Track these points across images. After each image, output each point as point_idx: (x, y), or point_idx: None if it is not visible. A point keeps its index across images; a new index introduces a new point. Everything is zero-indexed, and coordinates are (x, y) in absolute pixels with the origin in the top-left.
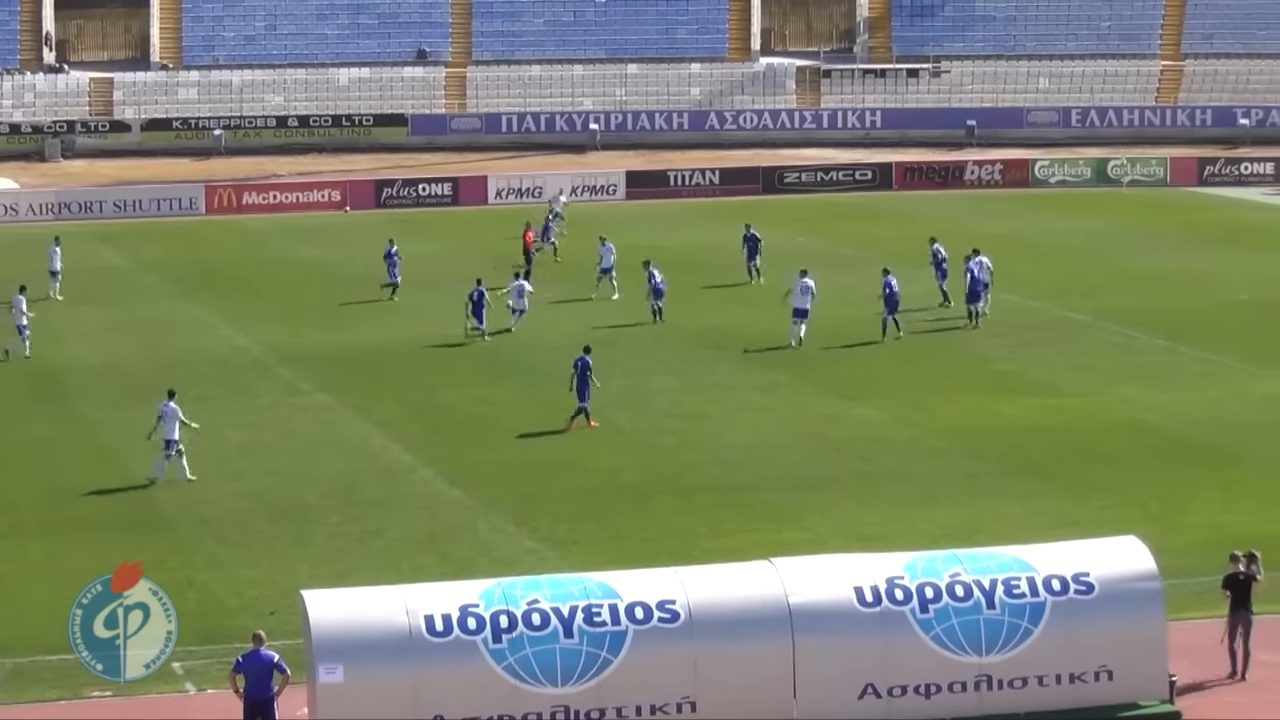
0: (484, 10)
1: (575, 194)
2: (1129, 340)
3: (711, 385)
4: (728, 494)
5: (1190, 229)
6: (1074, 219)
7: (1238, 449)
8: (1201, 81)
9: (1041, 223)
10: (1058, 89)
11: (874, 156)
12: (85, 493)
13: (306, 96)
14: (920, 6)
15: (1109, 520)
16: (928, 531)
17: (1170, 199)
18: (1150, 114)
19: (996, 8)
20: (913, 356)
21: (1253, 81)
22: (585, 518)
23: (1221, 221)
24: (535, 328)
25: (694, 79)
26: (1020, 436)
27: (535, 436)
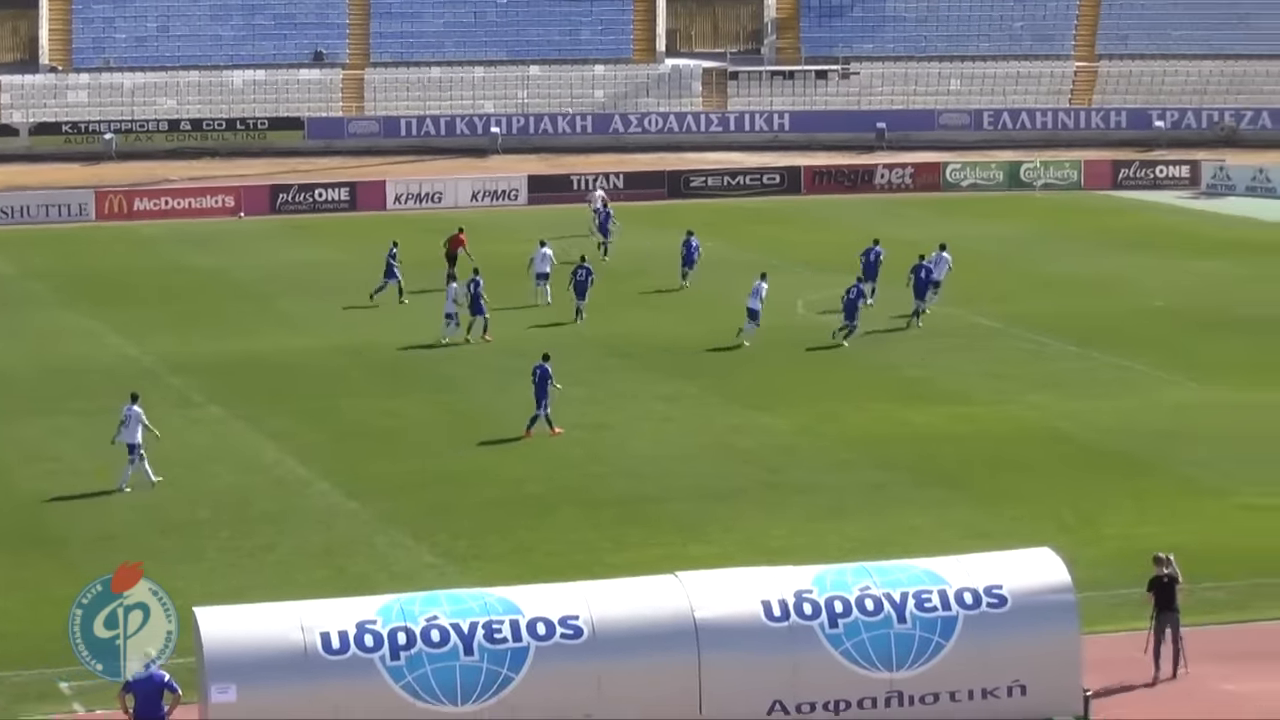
0: (382, 11)
1: (475, 199)
2: (1041, 347)
3: (618, 395)
4: (633, 506)
5: (1104, 233)
6: (986, 223)
7: (1151, 458)
8: (1116, 83)
9: (953, 227)
10: (969, 91)
11: (782, 160)
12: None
13: (200, 100)
14: (829, 7)
15: (1022, 531)
16: (836, 544)
17: (1084, 203)
18: (1064, 116)
19: (907, 8)
20: (822, 365)
21: (1168, 83)
22: (487, 531)
23: (1136, 226)
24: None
25: (598, 81)
26: (930, 446)
27: (438, 448)
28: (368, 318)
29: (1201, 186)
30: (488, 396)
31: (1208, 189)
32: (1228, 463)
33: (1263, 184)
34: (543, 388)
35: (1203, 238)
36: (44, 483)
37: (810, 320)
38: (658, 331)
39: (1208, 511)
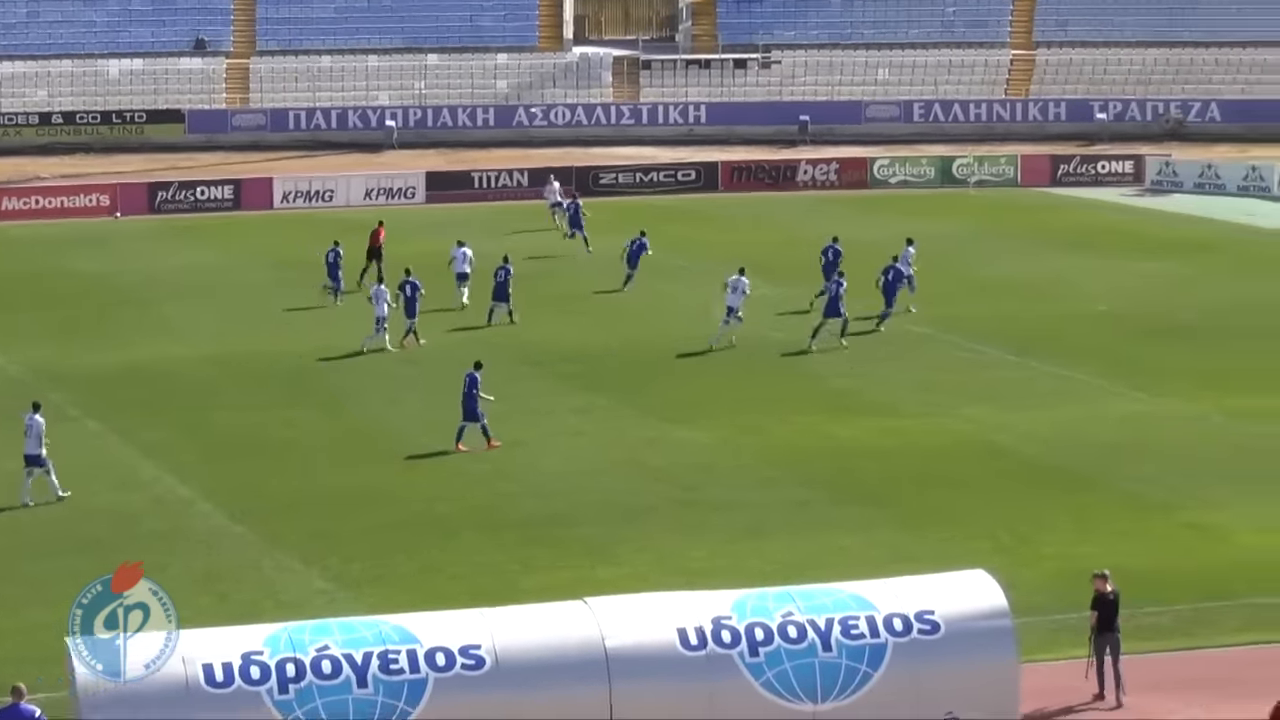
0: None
1: (369, 197)
2: (976, 355)
3: (527, 408)
4: (541, 527)
5: (1043, 233)
6: (916, 223)
7: (1093, 473)
8: (1055, 73)
9: (881, 227)
10: (899, 81)
11: (698, 155)
12: None
13: (73, 91)
14: None
15: (955, 553)
16: (757, 567)
17: (1021, 200)
18: (999, 108)
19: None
20: (742, 375)
21: (1110, 72)
22: (383, 554)
23: (1076, 225)
24: (340, 342)
25: (500, 70)
26: (857, 461)
27: (328, 464)
28: (256, 324)
29: (1146, 183)
30: (379, 409)
31: (1153, 186)
32: (1174, 478)
33: (1211, 180)
34: (471, 397)
35: (1148, 238)
36: None
37: (729, 327)
38: (569, 339)
39: (1152, 530)
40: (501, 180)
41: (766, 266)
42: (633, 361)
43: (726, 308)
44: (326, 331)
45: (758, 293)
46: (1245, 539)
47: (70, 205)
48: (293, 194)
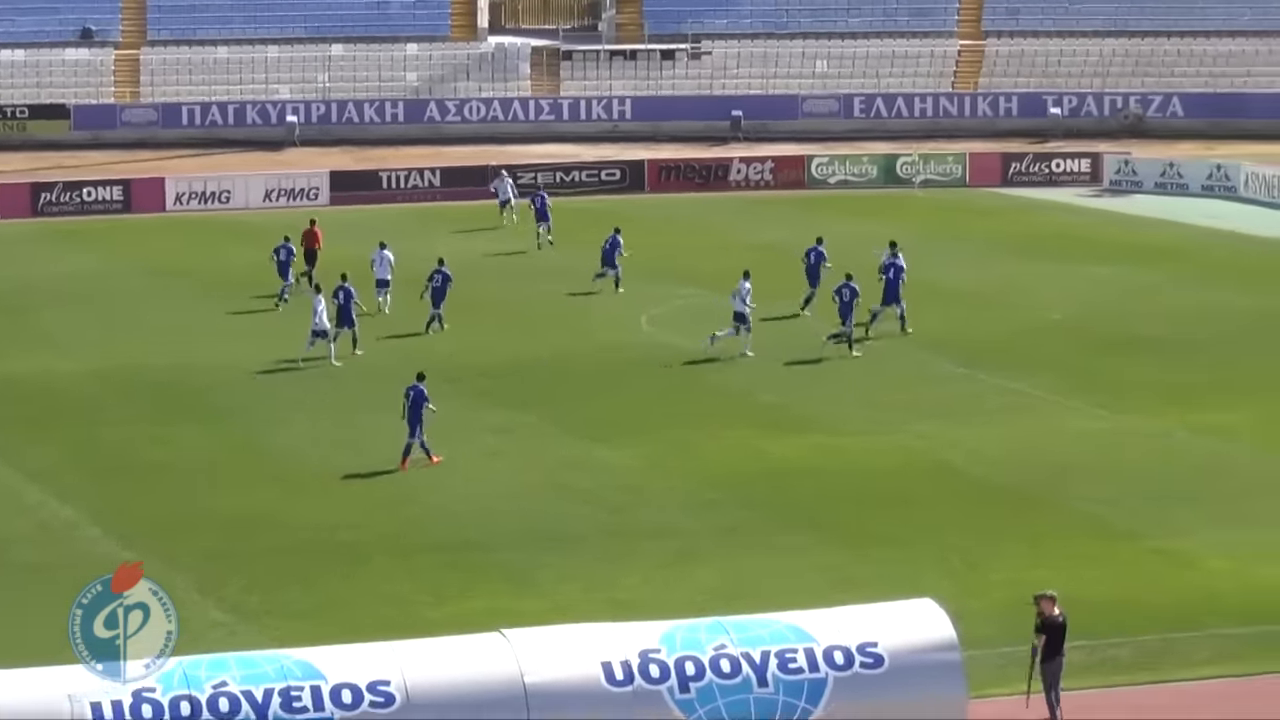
0: None
1: (269, 199)
2: (921, 367)
3: (439, 427)
4: (454, 554)
5: (993, 237)
6: (857, 225)
7: (1048, 495)
8: (1006, 64)
9: (819, 230)
10: (838, 74)
11: (623, 153)
12: None
13: None
14: None
15: (900, 580)
16: (688, 596)
17: (970, 202)
18: (946, 102)
19: None
20: (670, 389)
21: (1065, 64)
22: (285, 583)
23: (1029, 228)
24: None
25: (410, 62)
26: (795, 482)
27: (223, 486)
28: (145, 336)
29: (1104, 183)
30: (275, 427)
31: (1111, 186)
32: (1136, 500)
33: (1174, 180)
34: (416, 412)
35: (1106, 242)
36: None
37: (656, 339)
38: (486, 351)
39: (1113, 556)
40: (412, 180)
41: (697, 273)
42: (554, 376)
43: (735, 314)
44: (221, 343)
45: (686, 302)
46: (1213, 565)
47: None
48: (186, 195)
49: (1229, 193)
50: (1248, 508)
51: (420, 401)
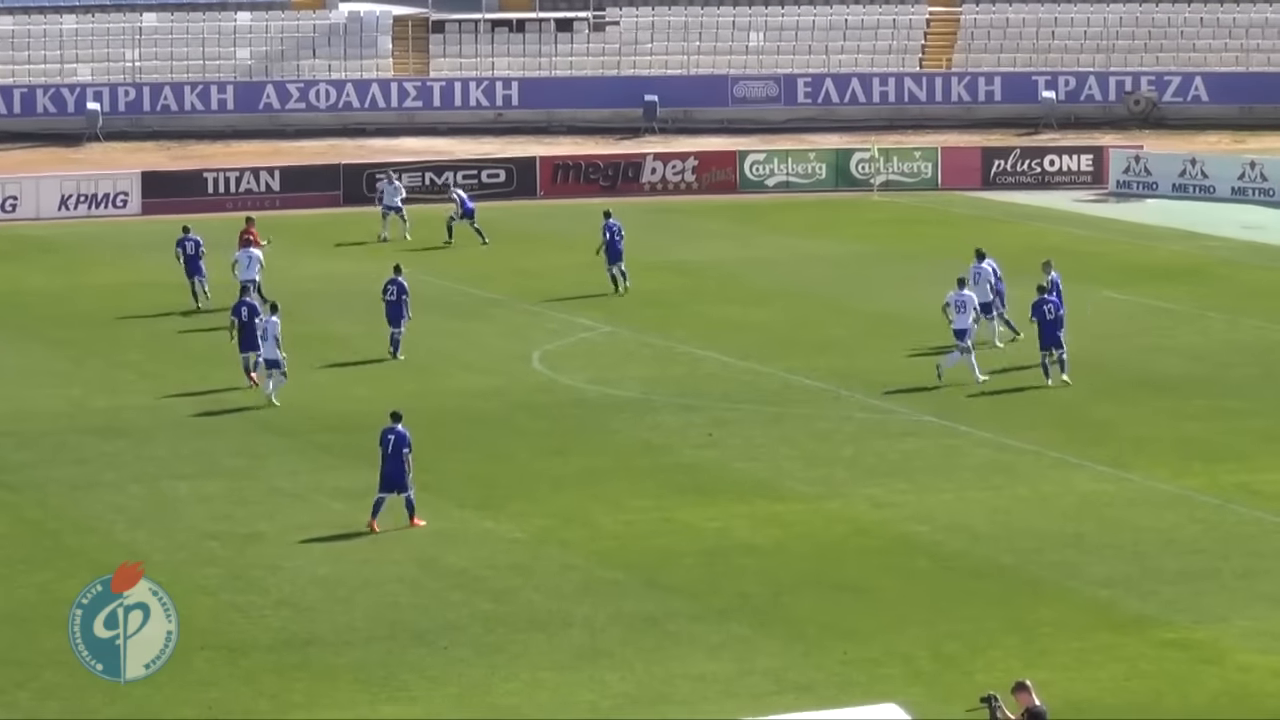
0: None
1: (65, 207)
2: (885, 417)
3: (275, 491)
4: (297, 651)
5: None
6: (802, 240)
7: (1041, 574)
8: (986, 37)
9: (755, 246)
10: (777, 49)
11: (509, 149)
12: None
13: None
14: None
15: (858, 681)
16: (591, 702)
17: (942, 209)
18: (912, 84)
19: None
20: (561, 442)
21: (1059, 37)
22: (86, 689)
23: (1016, 242)
24: (15, 399)
25: (242, 35)
26: (725, 560)
27: (11, 568)
28: None
29: (1110, 184)
30: (75, 492)
31: (1119, 188)
32: (1151, 581)
33: (1195, 180)
34: (398, 460)
35: (1112, 259)
36: None
37: (549, 381)
38: (333, 398)
39: (1125, 650)
40: (245, 183)
41: (599, 300)
42: (421, 426)
43: (955, 332)
44: (10, 388)
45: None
46: (1245, 660)
47: None
48: None
49: (1265, 196)
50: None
51: (402, 449)
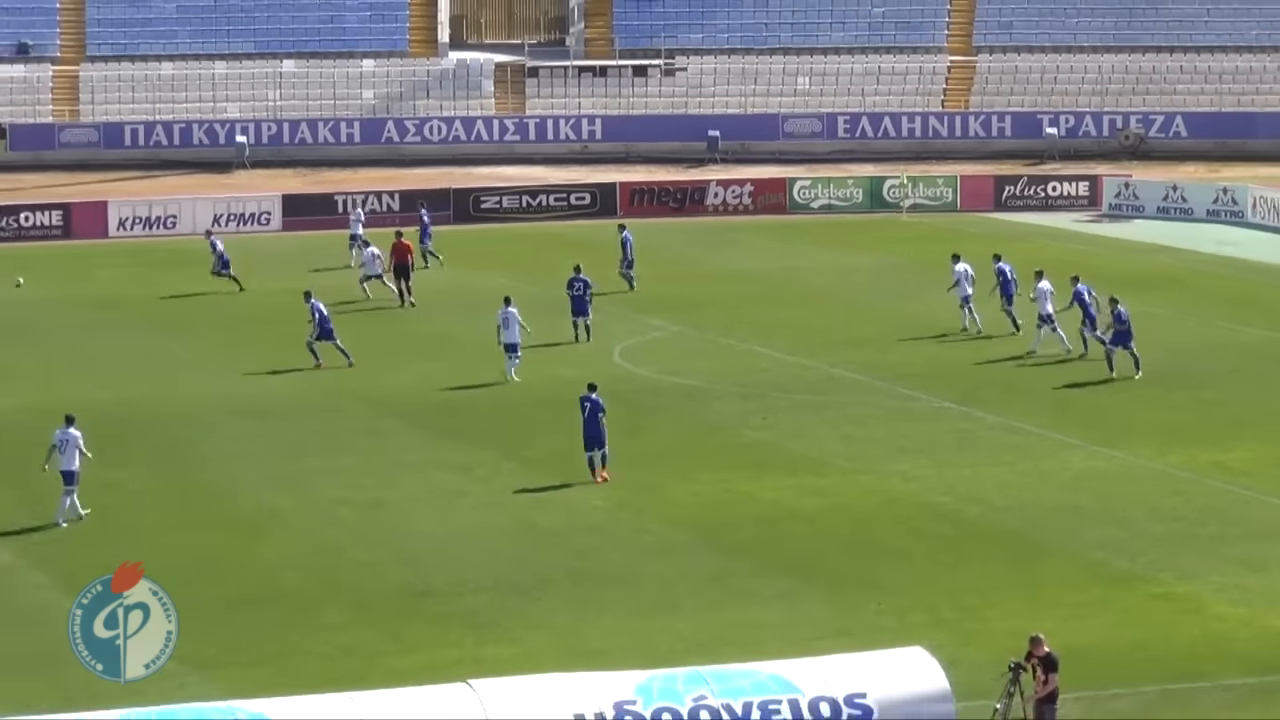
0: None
1: (218, 224)
2: (910, 403)
3: (395, 465)
4: (415, 601)
5: (986, 264)
6: (842, 253)
7: (1045, 538)
8: (998, 82)
9: (801, 258)
10: (820, 91)
11: (593, 175)
12: None
13: None
14: None
15: (889, 627)
16: (665, 645)
17: (961, 227)
18: (935, 122)
19: None
20: (638, 425)
21: (1061, 81)
22: (238, 631)
23: (1025, 255)
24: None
25: (367, 79)
26: (777, 525)
27: (168, 529)
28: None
29: (1103, 207)
30: (222, 467)
31: (1111, 210)
32: (1138, 543)
33: (1177, 204)
34: (594, 422)
35: (1105, 270)
36: None
37: (627, 372)
38: (447, 385)
39: (1116, 603)
40: (369, 204)
41: (672, 303)
42: (519, 411)
43: (1040, 317)
44: (167, 378)
45: (660, 334)
46: (1220, 611)
47: None
48: (130, 220)
49: (1236, 218)
50: (1257, 551)
51: (597, 413)
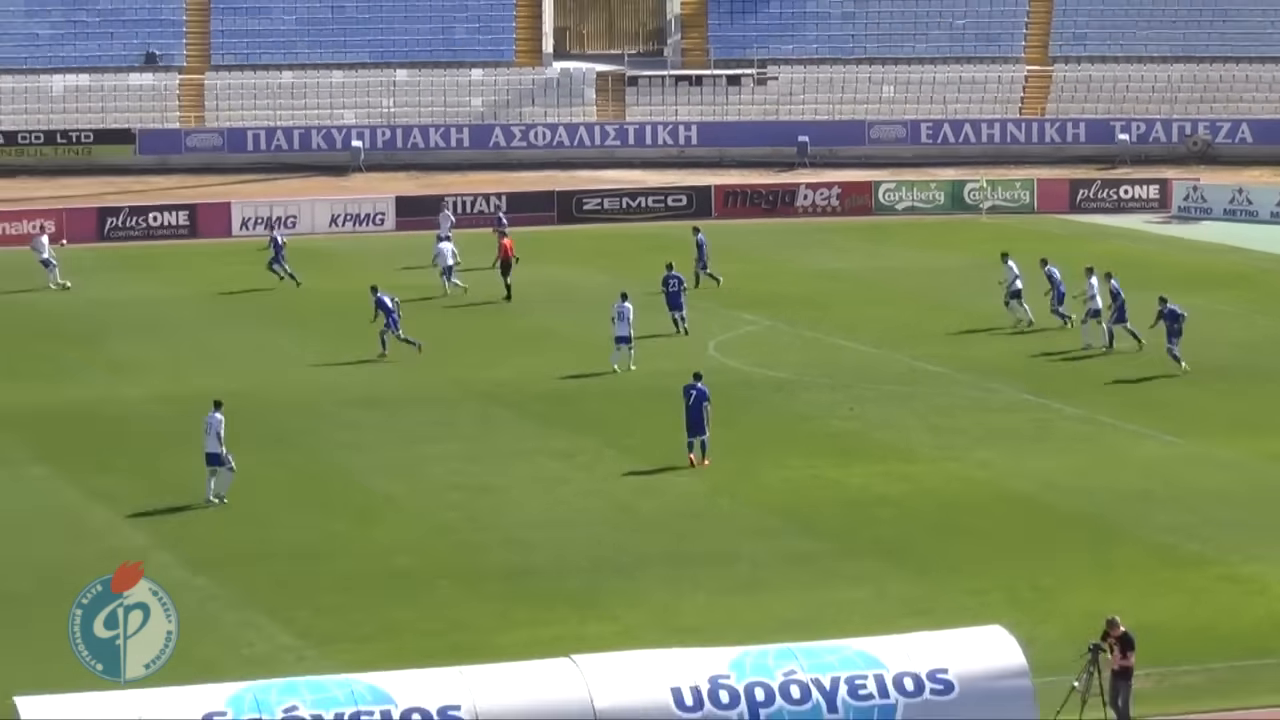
0: (224, 6)
1: (335, 224)
2: (989, 394)
3: (502, 452)
4: (521, 579)
5: (1061, 264)
6: (924, 253)
7: (1118, 522)
8: (1073, 90)
9: (887, 257)
10: (904, 99)
11: (689, 178)
12: None
13: (14, 109)
14: (742, 2)
15: (970, 607)
16: (757, 622)
17: (1037, 228)
18: (1013, 128)
19: (831, 3)
20: (732, 414)
21: (1132, 90)
22: (353, 608)
23: (1097, 254)
24: (284, 385)
25: (475, 87)
26: (863, 509)
27: (289, 513)
28: (210, 361)
29: (1172, 209)
30: (338, 453)
31: (1179, 212)
32: (1208, 528)
33: (1243, 206)
34: (698, 410)
35: (1175, 269)
36: None
37: (721, 364)
38: (548, 377)
39: (1184, 584)
40: (477, 205)
41: (763, 299)
42: (618, 401)
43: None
44: (287, 369)
45: (753, 328)
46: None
47: (12, 232)
48: (252, 220)
49: None
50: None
51: (702, 402)
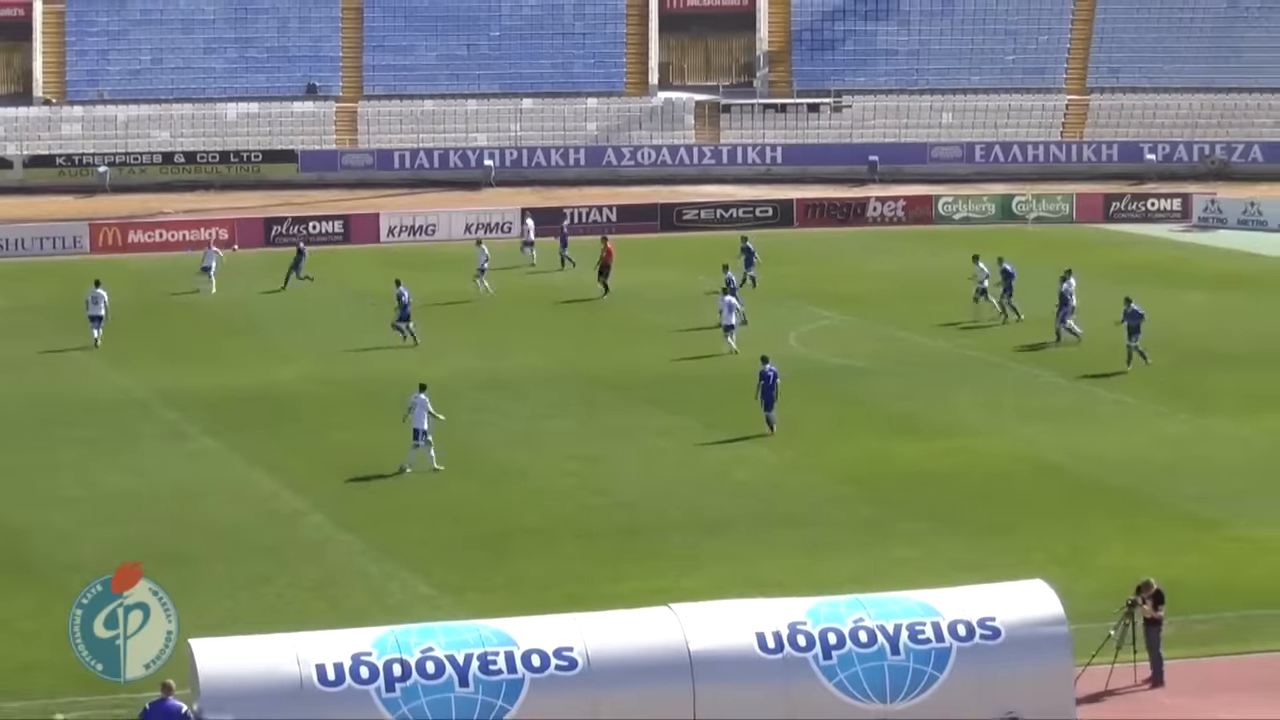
0: (375, 44)
1: (469, 231)
2: (1033, 379)
3: (611, 429)
4: (629, 537)
5: (1097, 267)
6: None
7: (1147, 492)
8: (1107, 116)
9: (945, 260)
10: (961, 124)
11: (775, 193)
12: None
13: (193, 132)
14: (821, 40)
15: (1014, 564)
16: (829, 577)
17: (1076, 236)
18: (1055, 149)
19: (899, 41)
20: (809, 396)
21: (1159, 116)
22: (481, 563)
23: (1128, 259)
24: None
25: (590, 114)
26: (921, 479)
27: (428, 479)
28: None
29: (1193, 219)
30: (469, 430)
31: (1199, 222)
32: (1223, 496)
33: (1254, 217)
34: (770, 389)
35: (1195, 271)
36: (33, 512)
37: (801, 354)
38: (653, 365)
39: (1202, 545)
40: (592, 215)
41: (838, 297)
42: (712, 387)
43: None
44: (424, 357)
45: (829, 322)
46: None
47: (191, 239)
48: (398, 228)
49: None
50: None
51: (774, 380)
